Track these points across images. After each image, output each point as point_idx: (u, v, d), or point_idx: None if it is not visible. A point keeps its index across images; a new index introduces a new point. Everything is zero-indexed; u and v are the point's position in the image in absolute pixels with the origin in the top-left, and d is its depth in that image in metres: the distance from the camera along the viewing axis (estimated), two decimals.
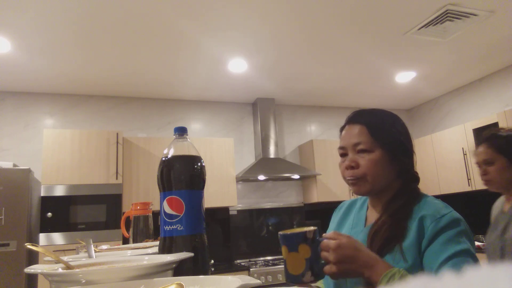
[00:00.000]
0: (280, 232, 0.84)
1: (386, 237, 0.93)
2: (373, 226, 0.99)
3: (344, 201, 1.25)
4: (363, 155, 1.00)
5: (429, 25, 3.01)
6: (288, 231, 0.83)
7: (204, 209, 0.79)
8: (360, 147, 1.00)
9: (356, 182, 1.01)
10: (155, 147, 3.86)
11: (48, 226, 3.27)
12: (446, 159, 4.26)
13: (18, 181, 3.07)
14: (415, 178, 1.05)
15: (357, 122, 1.05)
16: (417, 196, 1.00)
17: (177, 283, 0.41)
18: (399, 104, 5.22)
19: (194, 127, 4.49)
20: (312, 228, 0.83)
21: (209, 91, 4.31)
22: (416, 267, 0.87)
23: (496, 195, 1.87)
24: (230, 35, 3.04)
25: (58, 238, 3.28)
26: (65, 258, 0.75)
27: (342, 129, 1.10)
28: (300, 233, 0.81)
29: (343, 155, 1.05)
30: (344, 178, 1.05)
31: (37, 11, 2.55)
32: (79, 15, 2.63)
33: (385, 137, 1.01)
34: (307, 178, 4.53)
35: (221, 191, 3.98)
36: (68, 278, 0.51)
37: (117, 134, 3.63)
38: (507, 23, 3.11)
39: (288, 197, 4.64)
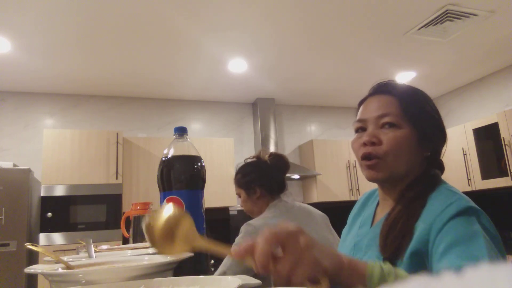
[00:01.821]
0: None
1: (404, 234, 0.73)
2: (387, 221, 0.79)
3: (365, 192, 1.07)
4: (387, 130, 0.81)
5: (429, 25, 3.01)
6: None
7: (204, 209, 0.78)
8: (386, 119, 0.82)
9: (373, 164, 0.81)
10: (155, 147, 3.86)
11: (48, 226, 3.27)
12: (446, 159, 4.20)
13: (18, 181, 3.07)
14: (440, 166, 0.89)
15: (386, 92, 0.86)
16: (436, 183, 0.82)
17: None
18: None
19: (194, 127, 4.49)
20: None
21: (209, 91, 4.30)
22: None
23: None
24: (230, 35, 3.04)
25: (58, 238, 3.28)
26: (65, 258, 0.75)
27: (362, 102, 0.91)
28: None
29: (361, 129, 0.86)
30: (358, 158, 0.86)
31: (38, 12, 2.55)
32: (79, 15, 2.63)
33: (417, 113, 0.83)
34: (307, 178, 4.53)
35: (221, 191, 3.98)
36: (68, 278, 0.51)
37: (117, 134, 3.63)
38: (507, 23, 3.11)
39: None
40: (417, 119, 0.82)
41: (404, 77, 4.19)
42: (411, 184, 0.82)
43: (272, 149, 4.44)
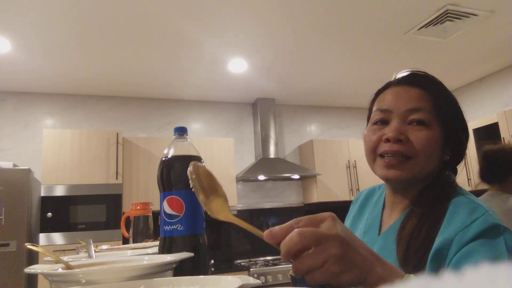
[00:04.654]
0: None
1: (429, 244, 0.67)
2: (404, 229, 0.71)
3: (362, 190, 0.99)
4: (417, 128, 0.73)
5: (429, 25, 3.01)
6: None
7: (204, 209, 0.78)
8: (418, 115, 0.73)
9: (397, 163, 0.73)
10: (155, 147, 3.86)
11: (48, 226, 3.27)
12: None
13: (18, 181, 3.07)
14: (455, 170, 0.82)
15: (417, 85, 0.76)
16: (454, 188, 0.75)
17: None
18: None
19: (194, 127, 4.49)
20: None
21: (209, 91, 4.30)
22: None
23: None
24: (230, 35, 3.04)
25: (58, 238, 3.28)
26: (65, 258, 0.75)
27: (382, 90, 0.83)
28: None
29: (381, 122, 0.77)
30: (373, 153, 0.77)
31: (37, 11, 2.55)
32: (79, 15, 2.63)
33: (449, 114, 0.76)
34: (307, 178, 4.53)
35: None
36: (68, 278, 0.51)
37: (117, 134, 3.63)
38: (507, 23, 3.11)
39: (288, 197, 4.64)
40: (448, 120, 0.75)
41: None
42: (429, 187, 0.76)
43: (272, 149, 4.44)
